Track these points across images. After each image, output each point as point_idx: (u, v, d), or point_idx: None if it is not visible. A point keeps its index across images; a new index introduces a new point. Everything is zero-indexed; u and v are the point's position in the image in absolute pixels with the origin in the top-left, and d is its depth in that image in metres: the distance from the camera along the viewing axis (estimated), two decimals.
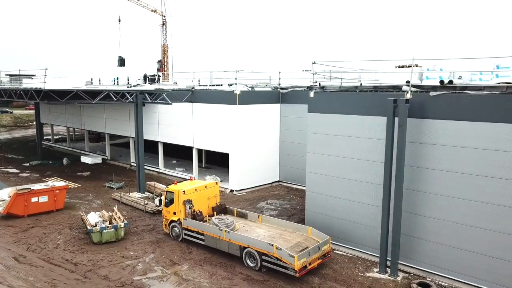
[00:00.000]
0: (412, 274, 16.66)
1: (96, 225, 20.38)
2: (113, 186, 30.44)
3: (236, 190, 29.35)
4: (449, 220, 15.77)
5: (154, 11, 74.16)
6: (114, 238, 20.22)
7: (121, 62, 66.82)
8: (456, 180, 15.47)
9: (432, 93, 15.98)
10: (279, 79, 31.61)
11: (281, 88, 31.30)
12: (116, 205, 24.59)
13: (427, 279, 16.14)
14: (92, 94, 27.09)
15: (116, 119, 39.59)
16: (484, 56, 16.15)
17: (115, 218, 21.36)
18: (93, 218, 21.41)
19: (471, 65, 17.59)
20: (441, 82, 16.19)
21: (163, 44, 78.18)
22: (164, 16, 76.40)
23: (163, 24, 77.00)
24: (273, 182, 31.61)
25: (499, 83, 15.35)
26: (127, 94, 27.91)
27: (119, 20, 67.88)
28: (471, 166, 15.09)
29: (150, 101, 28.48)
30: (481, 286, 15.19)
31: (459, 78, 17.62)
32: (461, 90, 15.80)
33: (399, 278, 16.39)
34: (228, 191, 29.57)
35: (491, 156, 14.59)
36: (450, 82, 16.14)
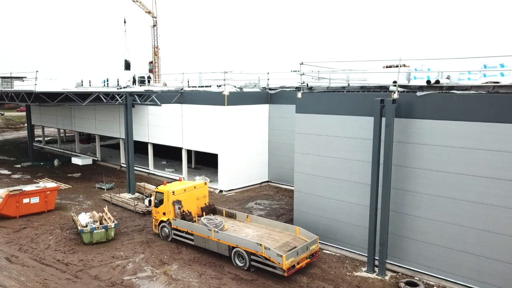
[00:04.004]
0: (400, 273, 16.84)
1: (86, 226, 20.33)
2: (103, 187, 30.35)
3: (225, 191, 29.42)
4: (437, 219, 15.97)
5: (149, 12, 74.05)
6: (105, 239, 20.20)
7: (127, 65, 66.71)
8: (443, 180, 15.67)
9: (419, 93, 16.19)
10: (268, 79, 31.75)
11: (270, 89, 31.44)
12: (106, 206, 24.50)
13: (415, 278, 16.33)
14: (82, 96, 26.98)
15: (106, 121, 39.45)
16: (471, 56, 16.37)
17: (105, 219, 21.32)
18: (83, 218, 21.35)
19: (458, 64, 17.85)
20: (428, 82, 16.43)
21: (154, 46, 78.11)
22: (155, 18, 76.36)
23: (154, 26, 76.94)
24: (262, 183, 31.72)
25: (486, 83, 15.61)
26: (116, 95, 27.85)
27: (125, 22, 67.65)
28: (457, 166, 15.29)
29: (139, 102, 28.45)
30: (468, 285, 15.39)
31: (447, 78, 17.87)
32: (447, 90, 16.04)
33: (387, 277, 16.57)
34: (217, 191, 29.62)
35: (477, 156, 14.79)
36: (437, 82, 16.38)
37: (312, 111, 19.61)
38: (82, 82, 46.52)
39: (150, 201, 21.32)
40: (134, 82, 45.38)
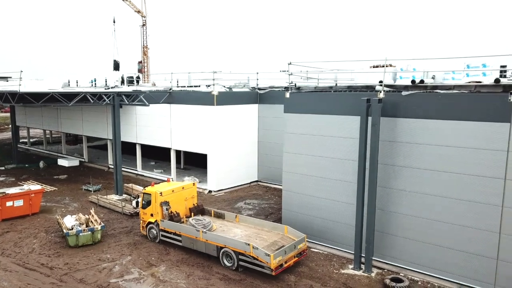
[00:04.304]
0: (386, 270, 17.01)
1: (72, 228, 20.12)
2: (90, 189, 30.07)
3: (214, 191, 29.37)
4: (421, 216, 16.17)
5: (138, 11, 73.56)
6: (91, 241, 20.00)
7: (116, 66, 66.20)
8: (428, 177, 15.87)
9: (404, 93, 16.36)
10: (257, 79, 31.78)
11: (259, 89, 31.48)
12: (93, 208, 24.33)
13: (400, 274, 16.50)
14: (69, 96, 26.69)
15: (93, 121, 39.11)
16: (455, 56, 16.63)
17: (91, 221, 21.13)
18: (69, 221, 21.13)
19: (443, 64, 18.11)
20: (413, 81, 16.60)
21: (144, 45, 77.60)
22: (145, 17, 75.86)
23: (143, 25, 76.41)
24: (251, 182, 31.75)
25: (469, 82, 15.84)
26: (104, 96, 27.61)
27: (114, 22, 67.06)
28: (441, 164, 15.50)
29: (127, 102, 28.26)
30: (452, 280, 15.64)
31: (432, 78, 18.09)
32: (432, 89, 16.25)
33: (373, 274, 16.71)
34: (206, 192, 29.56)
35: (460, 154, 15.02)
36: (421, 81, 16.57)
37: (300, 111, 19.69)
38: (69, 82, 46.01)
39: (137, 203, 21.18)
40: (122, 82, 45.08)
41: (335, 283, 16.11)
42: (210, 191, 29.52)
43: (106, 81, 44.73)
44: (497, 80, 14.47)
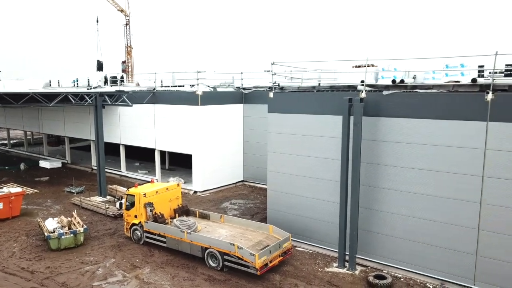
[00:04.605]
0: (369, 267, 17.22)
1: (54, 231, 19.84)
2: (73, 191, 29.69)
3: (199, 191, 29.30)
4: (403, 214, 16.43)
5: (121, 10, 72.76)
6: (73, 244, 19.76)
7: (99, 66, 65.40)
8: (410, 176, 16.13)
9: (385, 92, 16.58)
10: (242, 79, 31.79)
11: (244, 89, 31.50)
12: (75, 210, 24.01)
13: (384, 271, 16.73)
14: (49, 97, 26.31)
15: (76, 122, 38.58)
16: (434, 56, 16.95)
17: (74, 223, 20.87)
18: (51, 224, 20.82)
19: (423, 64, 18.41)
20: (393, 81, 16.85)
21: (127, 45, 76.84)
22: (128, 16, 75.11)
23: (127, 24, 75.65)
24: (237, 182, 31.76)
25: (447, 82, 16.15)
26: (86, 96, 27.30)
27: (97, 21, 66.25)
28: (422, 162, 15.78)
29: (109, 103, 27.97)
30: (433, 276, 15.94)
31: (413, 78, 18.38)
32: (411, 89, 16.51)
33: (357, 272, 16.91)
34: (191, 192, 29.47)
35: (440, 152, 15.31)
36: (402, 81, 16.82)
37: (284, 110, 19.78)
38: (50, 82, 45.39)
39: (121, 204, 21.00)
40: (106, 82, 44.61)
41: (319, 281, 16.25)
42: (195, 192, 29.43)
43: (88, 81, 44.25)
44: (474, 80, 14.78)
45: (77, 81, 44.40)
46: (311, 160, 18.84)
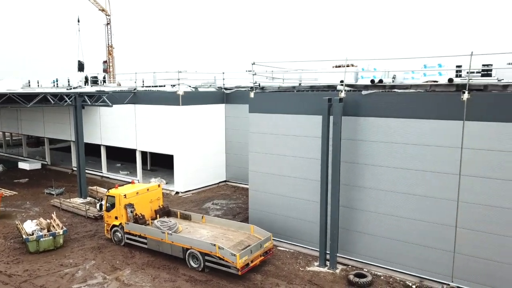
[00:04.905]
0: (350, 266, 17.37)
1: (32, 234, 19.47)
2: (53, 193, 29.18)
3: (181, 192, 29.12)
4: (383, 213, 16.61)
5: (102, 9, 71.78)
6: (53, 246, 19.44)
7: (81, 66, 64.36)
8: (388, 174, 16.32)
9: (364, 92, 16.75)
10: (223, 79, 31.73)
11: (226, 89, 31.44)
12: (55, 212, 23.59)
13: (364, 270, 16.90)
14: (28, 97, 25.83)
15: (56, 123, 37.94)
16: (413, 56, 17.17)
17: (53, 226, 20.52)
18: (29, 226, 20.43)
19: (402, 64, 18.68)
20: (372, 81, 17.05)
21: (108, 45, 75.87)
22: (109, 16, 74.16)
23: (108, 24, 74.66)
24: (220, 182, 31.68)
25: (426, 82, 16.41)
26: (65, 96, 26.87)
27: (78, 21, 65.22)
28: (400, 161, 15.98)
29: (89, 103, 27.59)
30: (412, 274, 16.16)
31: (393, 78, 18.63)
32: (390, 88, 16.72)
33: (337, 271, 17.04)
34: (173, 193, 29.28)
35: (418, 151, 15.53)
36: (380, 81, 17.04)
37: (265, 110, 19.81)
38: (29, 82, 44.53)
39: (101, 205, 20.74)
40: (86, 82, 44.00)
41: (300, 280, 16.32)
42: (177, 192, 29.25)
43: (68, 81, 43.59)
44: (450, 80, 15.06)
45: (56, 81, 43.69)
46: (292, 160, 18.92)
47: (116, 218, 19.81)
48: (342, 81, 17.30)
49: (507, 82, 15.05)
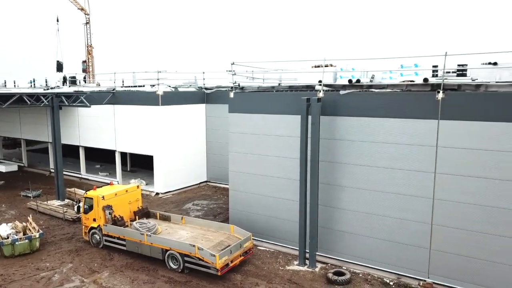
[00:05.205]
0: (329, 264, 17.52)
1: (8, 237, 19.03)
2: (29, 195, 28.57)
3: (162, 193, 28.87)
4: (361, 211, 16.81)
5: (82, 9, 70.61)
6: (29, 250, 19.04)
7: (59, 67, 63.13)
8: (366, 173, 16.52)
9: (341, 92, 16.91)
10: (204, 79, 31.60)
11: (206, 88, 31.32)
12: (31, 215, 23.12)
13: (343, 267, 17.06)
14: (3, 98, 25.22)
15: (33, 124, 37.16)
16: (391, 57, 17.40)
17: (29, 229, 20.10)
18: (4, 230, 19.93)
19: (380, 64, 18.91)
20: (350, 81, 17.22)
21: (87, 44, 74.71)
22: (88, 15, 73.03)
23: (87, 23, 73.53)
24: (200, 183, 31.54)
25: (403, 81, 16.66)
26: (42, 97, 26.33)
27: (57, 21, 63.97)
28: (378, 160, 16.19)
29: (67, 104, 27.11)
30: (390, 271, 16.39)
31: (372, 77, 18.84)
32: (367, 88, 16.92)
33: (317, 269, 17.16)
34: (153, 194, 29.01)
35: (395, 150, 15.76)
36: (358, 81, 17.22)
37: (244, 110, 19.81)
38: (5, 82, 43.50)
39: (79, 208, 20.39)
40: (64, 82, 43.22)
41: (280, 280, 16.38)
42: (157, 193, 28.99)
43: (46, 82, 42.74)
44: (425, 80, 15.33)
45: (34, 81, 42.80)
46: (272, 159, 18.96)
47: (94, 220, 19.53)
48: (320, 81, 17.43)
49: (480, 82, 15.40)
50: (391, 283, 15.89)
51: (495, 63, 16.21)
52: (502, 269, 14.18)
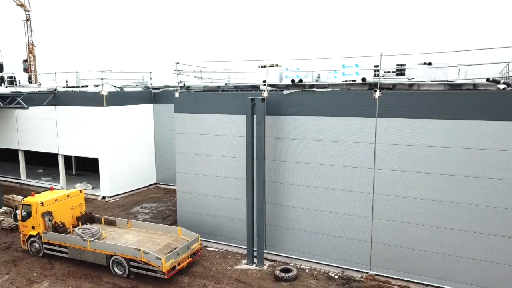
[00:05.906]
0: (277, 262, 17.75)
1: None
2: None
3: (108, 197, 27.98)
4: (306, 208, 17.17)
5: (21, 5, 66.79)
6: None
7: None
8: (309, 171, 16.91)
9: (285, 92, 17.17)
10: (151, 79, 30.96)
11: (153, 88, 30.71)
12: None
13: (290, 264, 17.35)
14: None
15: None
16: (333, 57, 17.88)
17: None
18: None
19: (324, 64, 19.40)
20: (292, 81, 17.53)
21: (28, 42, 70.91)
22: (28, 11, 69.30)
23: (27, 20, 69.75)
24: (150, 185, 30.89)
25: (345, 81, 17.17)
26: None
27: None
28: (319, 157, 16.62)
29: (2, 105, 25.61)
30: (335, 265, 16.88)
31: (318, 77, 19.27)
32: (309, 88, 17.30)
33: (265, 267, 17.33)
34: (100, 198, 28.06)
35: (337, 147, 16.25)
36: (300, 81, 17.57)
37: (190, 110, 19.62)
38: None
39: (15, 215, 19.30)
40: (2, 82, 40.78)
41: (228, 279, 16.39)
42: (104, 197, 28.06)
43: None
44: (363, 79, 15.90)
45: None
46: (218, 159, 18.93)
47: (33, 227, 18.58)
48: (264, 81, 17.61)
49: (415, 81, 16.19)
50: (336, 277, 16.35)
51: (429, 63, 17.14)
52: (430, 257, 15.07)
